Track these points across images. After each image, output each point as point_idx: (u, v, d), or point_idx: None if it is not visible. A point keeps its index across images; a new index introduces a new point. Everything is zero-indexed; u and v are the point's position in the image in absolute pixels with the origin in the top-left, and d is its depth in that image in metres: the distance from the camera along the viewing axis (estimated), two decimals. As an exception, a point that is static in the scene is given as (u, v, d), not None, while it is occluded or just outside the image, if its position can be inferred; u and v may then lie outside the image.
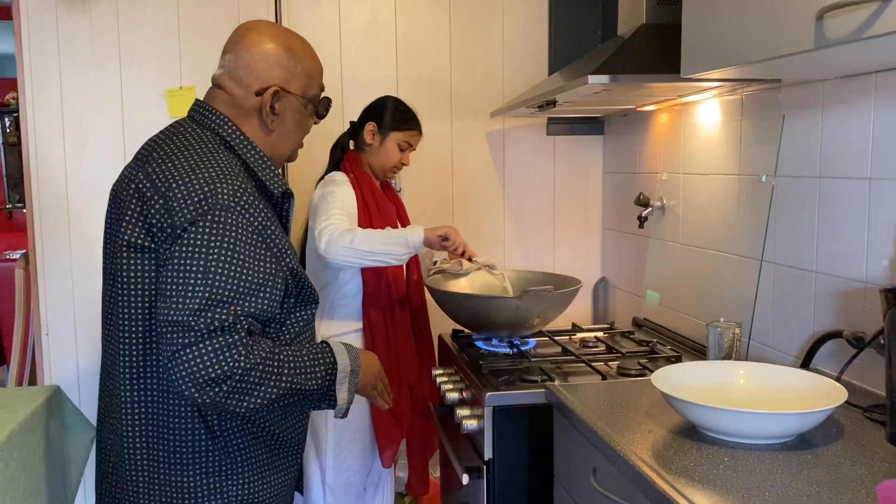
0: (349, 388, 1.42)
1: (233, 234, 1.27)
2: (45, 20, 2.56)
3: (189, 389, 1.22)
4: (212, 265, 1.24)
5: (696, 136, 2.23)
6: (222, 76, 1.43)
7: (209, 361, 1.21)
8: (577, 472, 1.61)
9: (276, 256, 1.33)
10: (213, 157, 1.34)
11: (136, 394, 1.36)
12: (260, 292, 1.28)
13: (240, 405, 1.26)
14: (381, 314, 2.22)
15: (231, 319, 1.23)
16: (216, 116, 1.41)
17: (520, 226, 2.96)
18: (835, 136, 1.65)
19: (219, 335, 1.22)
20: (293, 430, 1.48)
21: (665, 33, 1.90)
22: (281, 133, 1.46)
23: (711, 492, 1.16)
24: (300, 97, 1.46)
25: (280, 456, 1.45)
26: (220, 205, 1.27)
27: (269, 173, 1.42)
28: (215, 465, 1.36)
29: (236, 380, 1.23)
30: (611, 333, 2.39)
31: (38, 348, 2.67)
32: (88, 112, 2.62)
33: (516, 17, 2.87)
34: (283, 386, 1.29)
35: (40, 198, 2.61)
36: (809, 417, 1.31)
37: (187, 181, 1.29)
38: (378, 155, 2.29)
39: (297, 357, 1.34)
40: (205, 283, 1.23)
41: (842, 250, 1.63)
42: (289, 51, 1.43)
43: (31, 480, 1.69)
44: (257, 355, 1.26)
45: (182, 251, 1.25)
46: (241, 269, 1.26)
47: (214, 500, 1.36)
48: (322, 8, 2.75)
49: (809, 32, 1.20)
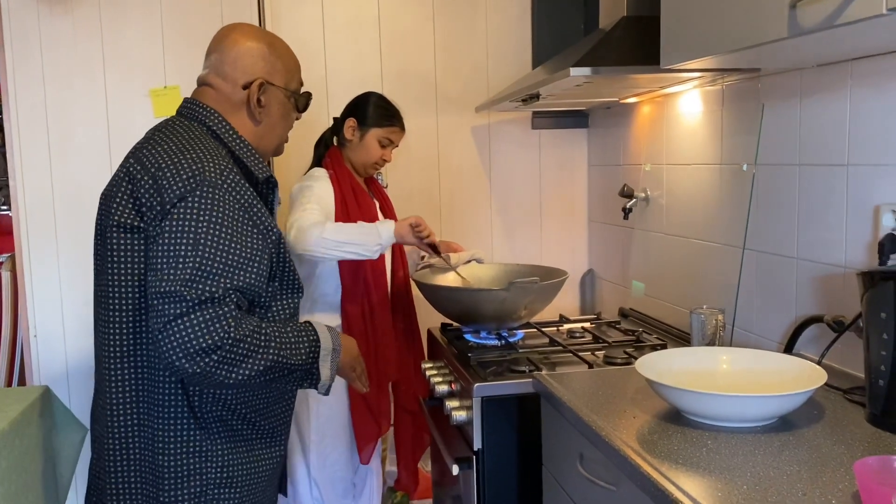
0: (331, 365, 1.47)
1: (221, 209, 1.32)
2: (28, 22, 2.55)
3: (179, 360, 1.25)
4: (201, 238, 1.29)
5: (679, 127, 2.25)
6: (209, 74, 1.52)
7: (200, 331, 1.25)
8: (564, 460, 1.63)
9: (263, 234, 1.39)
10: (200, 143, 1.41)
11: (124, 372, 1.40)
12: (248, 267, 1.33)
13: (228, 376, 1.29)
14: (359, 310, 2.22)
15: (220, 292, 1.28)
16: (203, 109, 1.49)
17: (507, 219, 2.98)
18: (813, 123, 1.67)
19: (209, 306, 1.27)
20: (275, 419, 1.52)
21: (646, 25, 1.92)
22: (268, 124, 1.54)
23: (695, 474, 1.18)
24: (284, 89, 1.54)
25: (260, 445, 1.49)
26: (209, 181, 1.33)
27: (253, 159, 1.50)
28: (195, 445, 1.40)
29: (226, 350, 1.27)
30: (597, 324, 2.41)
31: (26, 350, 2.66)
32: (73, 113, 2.61)
33: (500, 11, 2.88)
34: (270, 358, 1.34)
35: (26, 200, 2.61)
36: (790, 400, 1.34)
37: (176, 161, 1.35)
38: (358, 151, 2.29)
39: (283, 333, 1.39)
40: (195, 255, 1.28)
41: (822, 236, 1.66)
42: (270, 46, 1.53)
43: (22, 480, 1.69)
44: (246, 328, 1.30)
45: (172, 226, 1.30)
46: (230, 243, 1.32)
47: (193, 480, 1.40)
48: (306, 5, 2.76)
49: (783, 21, 1.23)
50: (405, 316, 2.39)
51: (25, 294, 2.63)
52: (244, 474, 1.46)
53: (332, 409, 2.23)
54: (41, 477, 1.82)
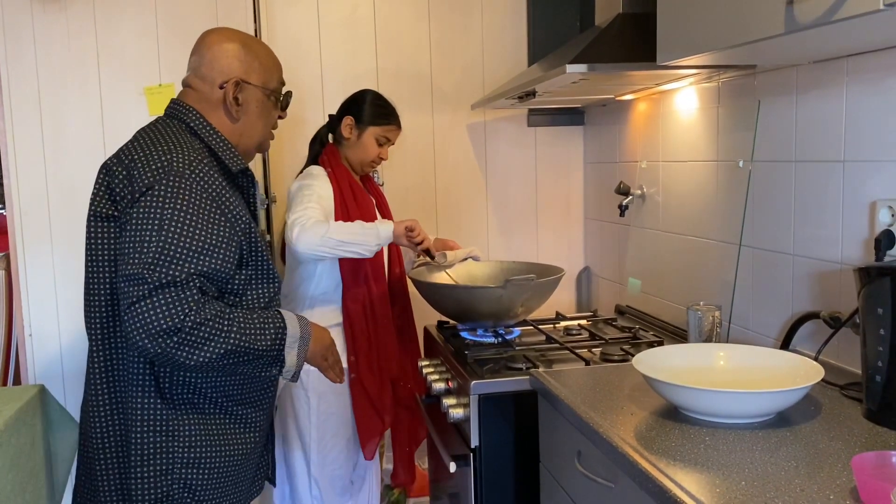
0: (298, 353, 1.51)
1: (187, 198, 1.39)
2: (21, 20, 2.54)
3: (142, 340, 1.32)
4: (166, 223, 1.36)
5: (675, 124, 2.25)
6: (190, 76, 1.60)
7: (161, 313, 1.31)
8: (562, 457, 1.63)
9: (231, 221, 1.44)
10: (174, 137, 1.49)
11: (102, 353, 1.49)
12: (213, 252, 1.39)
13: (189, 357, 1.35)
14: (360, 308, 2.22)
15: (183, 276, 1.34)
16: (184, 107, 1.56)
17: (503, 217, 2.98)
18: (809, 120, 1.67)
19: (171, 289, 1.33)
20: (249, 405, 1.55)
21: (641, 22, 1.93)
22: (246, 122, 1.60)
23: (693, 470, 1.18)
24: (261, 88, 1.60)
25: (233, 429, 1.52)
26: (175, 171, 1.40)
27: (227, 153, 1.55)
28: (162, 424, 1.46)
29: (186, 332, 1.33)
30: (594, 321, 2.41)
31: (21, 349, 2.65)
32: (67, 111, 2.60)
33: (495, 8, 2.88)
34: (231, 342, 1.38)
35: (20, 198, 2.59)
36: (787, 396, 1.34)
37: (148, 153, 1.44)
38: (356, 149, 2.29)
39: (248, 319, 1.43)
40: (159, 240, 1.34)
41: (818, 233, 1.66)
42: (246, 46, 1.59)
43: (18, 479, 1.68)
44: (208, 312, 1.35)
45: (139, 212, 1.37)
46: (195, 229, 1.37)
47: (160, 458, 1.46)
48: (301, 4, 2.75)
49: (780, 17, 1.23)
50: (402, 313, 2.39)
51: (20, 293, 2.62)
52: (212, 456, 1.49)
53: (333, 407, 2.22)
54: (37, 476, 1.81)
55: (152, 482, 1.46)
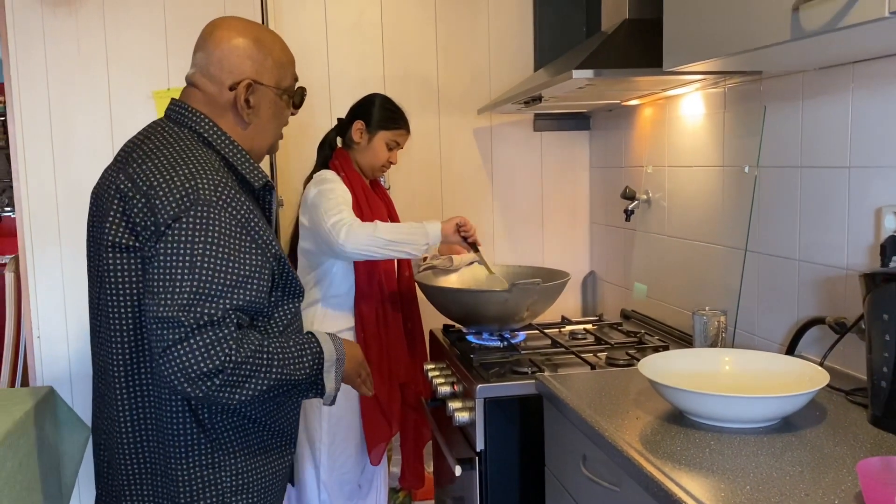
0: (336, 375, 1.44)
1: (216, 229, 1.28)
2: (31, 22, 2.56)
3: (181, 384, 1.23)
4: (197, 260, 1.25)
5: (681, 129, 2.26)
6: (195, 74, 1.44)
7: (200, 356, 1.22)
8: (567, 461, 1.64)
9: (262, 248, 1.35)
10: (192, 154, 1.35)
11: (128, 391, 1.37)
12: (247, 285, 1.29)
13: (231, 398, 1.27)
14: (373, 311, 2.24)
15: (220, 314, 1.25)
16: (192, 114, 1.42)
17: (508, 221, 2.98)
18: (815, 126, 1.68)
19: (208, 330, 1.24)
20: (284, 420, 1.50)
21: (648, 28, 1.93)
22: (258, 126, 1.47)
23: (698, 474, 1.19)
24: (274, 88, 1.46)
25: (272, 446, 1.47)
26: (203, 200, 1.28)
27: (248, 167, 1.43)
28: (207, 457, 1.38)
29: (228, 373, 1.25)
30: (599, 325, 2.41)
31: (29, 351, 2.67)
32: (76, 114, 2.62)
33: (502, 14, 2.89)
34: (273, 377, 1.31)
35: (29, 201, 2.61)
36: (792, 401, 1.34)
37: (168, 179, 1.29)
38: (366, 154, 2.30)
39: (286, 348, 1.36)
40: (192, 279, 1.24)
41: (823, 238, 1.67)
42: (258, 43, 1.44)
43: (27, 480, 1.70)
44: (247, 348, 1.27)
45: (167, 248, 1.26)
46: (227, 262, 1.27)
47: (209, 492, 1.38)
48: (308, 8, 2.77)
49: (786, 24, 1.23)
50: (410, 316, 2.39)
51: (28, 295, 2.64)
52: (258, 478, 1.44)
53: (343, 411, 2.23)
54: (46, 477, 1.82)
55: None
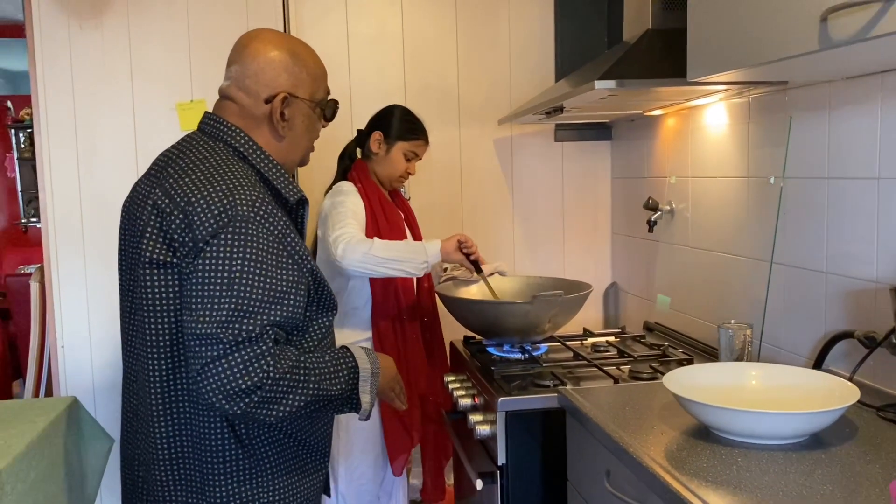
0: (371, 390, 1.43)
1: (254, 245, 1.27)
2: (58, 36, 2.60)
3: (220, 401, 1.23)
4: (236, 276, 1.25)
5: (704, 140, 2.24)
6: (230, 87, 1.44)
7: (239, 373, 1.22)
8: (590, 476, 1.61)
9: (298, 263, 1.34)
10: (228, 169, 1.34)
11: (165, 407, 1.36)
12: (284, 301, 1.29)
13: (269, 414, 1.27)
14: (390, 323, 2.23)
15: (258, 330, 1.24)
16: (227, 128, 1.42)
17: (529, 232, 2.97)
18: (842, 136, 1.65)
19: (247, 346, 1.23)
20: (319, 435, 1.49)
21: (671, 38, 1.92)
22: (292, 139, 1.47)
23: (725, 492, 1.16)
24: (308, 101, 1.46)
25: (308, 461, 1.46)
26: (241, 216, 1.27)
27: (283, 181, 1.43)
28: (246, 473, 1.37)
29: (266, 390, 1.24)
30: (622, 338, 2.39)
31: (53, 361, 2.69)
32: (101, 126, 2.65)
33: (522, 24, 2.89)
34: (310, 393, 1.31)
35: (55, 212, 2.64)
36: (822, 417, 1.32)
37: (206, 194, 1.29)
38: (384, 164, 2.30)
39: (322, 363, 1.35)
40: (230, 295, 1.24)
41: (851, 251, 1.64)
42: (294, 56, 1.44)
43: (51, 490, 1.70)
44: (285, 364, 1.27)
45: (205, 264, 1.26)
46: (265, 278, 1.27)
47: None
48: (330, 20, 2.78)
49: (814, 34, 1.21)
50: (430, 327, 2.39)
51: (53, 304, 2.67)
52: (295, 495, 1.43)
53: (361, 423, 2.22)
54: (69, 487, 1.83)
55: None
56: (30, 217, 5.83)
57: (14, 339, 4.49)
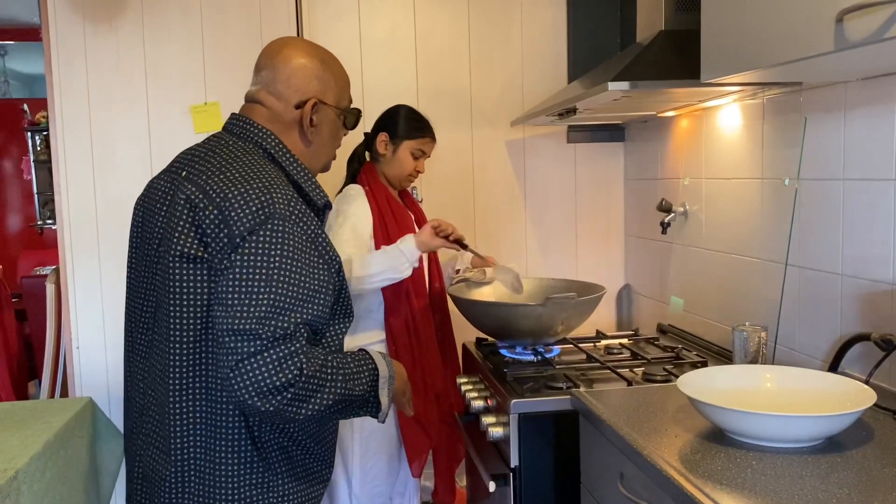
0: (388, 393, 1.44)
1: (291, 243, 1.29)
2: (73, 40, 2.62)
3: (252, 398, 1.22)
4: (274, 273, 1.26)
5: (718, 141, 2.22)
6: (259, 91, 1.46)
7: (274, 369, 1.22)
8: (604, 478, 1.61)
9: (328, 264, 1.36)
10: (262, 169, 1.36)
11: (183, 404, 1.36)
12: (316, 299, 1.30)
13: (298, 412, 1.27)
14: (403, 324, 2.23)
15: (293, 328, 1.25)
16: (258, 129, 1.43)
17: (542, 234, 2.97)
18: (858, 137, 1.64)
19: (283, 343, 1.24)
20: (326, 444, 1.50)
21: (684, 39, 1.91)
22: (318, 144, 1.50)
23: (740, 495, 1.16)
24: (335, 108, 1.49)
25: (314, 470, 1.47)
26: (278, 214, 1.29)
27: (312, 185, 1.46)
28: (258, 476, 1.38)
29: (299, 387, 1.25)
30: (635, 340, 2.38)
31: (68, 362, 2.71)
32: (116, 128, 2.67)
33: (535, 26, 2.89)
34: (337, 391, 1.32)
35: (70, 213, 2.67)
36: (838, 420, 1.30)
37: (243, 191, 1.30)
38: (392, 165, 2.30)
39: (346, 364, 1.37)
40: (268, 291, 1.25)
41: (867, 252, 1.62)
42: (323, 63, 1.47)
43: (66, 490, 1.72)
44: (315, 362, 1.28)
45: (243, 260, 1.26)
46: (300, 276, 1.28)
47: None
48: (343, 22, 2.79)
49: (829, 34, 1.21)
50: (442, 327, 2.39)
51: (68, 306, 2.69)
52: (302, 500, 1.44)
53: (376, 424, 2.23)
54: (84, 487, 1.84)
55: None
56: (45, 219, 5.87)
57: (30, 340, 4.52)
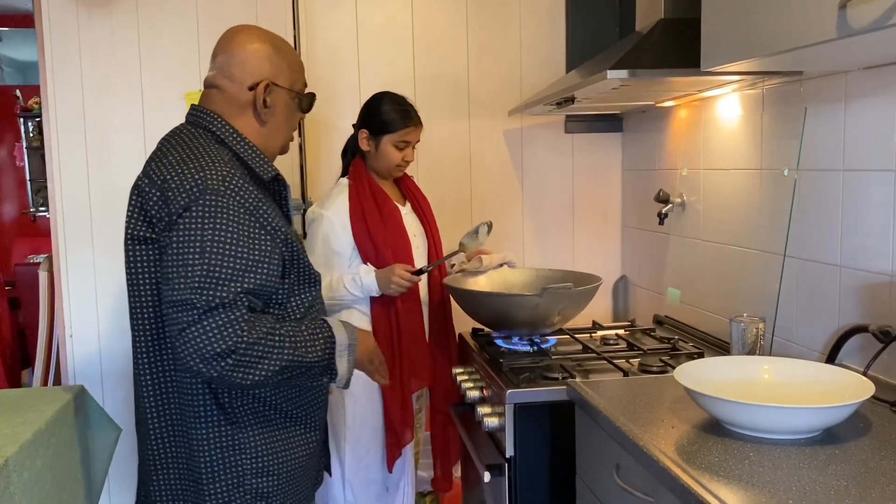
0: (349, 360, 1.51)
1: (225, 215, 1.36)
2: (67, 26, 2.59)
3: (196, 364, 1.31)
4: (207, 245, 1.34)
5: (717, 131, 2.21)
6: (216, 76, 1.55)
7: (213, 337, 1.31)
8: (599, 469, 1.60)
9: (271, 234, 1.43)
10: (204, 151, 1.44)
11: (153, 377, 1.47)
12: (257, 269, 1.38)
13: (245, 378, 1.35)
14: (385, 317, 2.20)
15: (231, 297, 1.33)
16: (206, 114, 1.52)
17: (539, 224, 2.95)
18: (858, 128, 1.63)
19: (220, 311, 1.32)
20: (306, 407, 1.56)
21: (684, 27, 1.89)
22: (273, 125, 1.57)
23: (737, 486, 1.15)
24: (289, 90, 1.57)
25: (293, 433, 1.53)
26: (210, 189, 1.37)
27: (258, 161, 1.52)
28: (228, 440, 1.46)
29: (240, 353, 1.33)
30: (632, 331, 2.37)
31: (61, 350, 2.70)
32: (110, 115, 2.65)
33: (534, 15, 2.86)
34: (285, 358, 1.38)
35: (63, 201, 2.64)
36: (836, 412, 1.30)
37: (180, 172, 1.40)
38: (378, 159, 2.27)
39: (298, 332, 1.43)
40: (202, 263, 1.33)
41: (866, 244, 1.61)
42: (276, 48, 1.56)
43: (58, 478, 1.71)
44: (259, 330, 1.35)
45: (179, 235, 1.35)
46: (237, 247, 1.36)
47: (230, 472, 1.46)
48: (340, 10, 2.76)
49: (832, 21, 1.19)
50: (440, 317, 2.37)
51: (62, 294, 2.67)
52: (280, 462, 1.50)
53: (368, 411, 2.22)
54: (75, 476, 1.83)
55: (226, 496, 1.47)
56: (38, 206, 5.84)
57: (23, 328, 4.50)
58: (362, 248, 2.20)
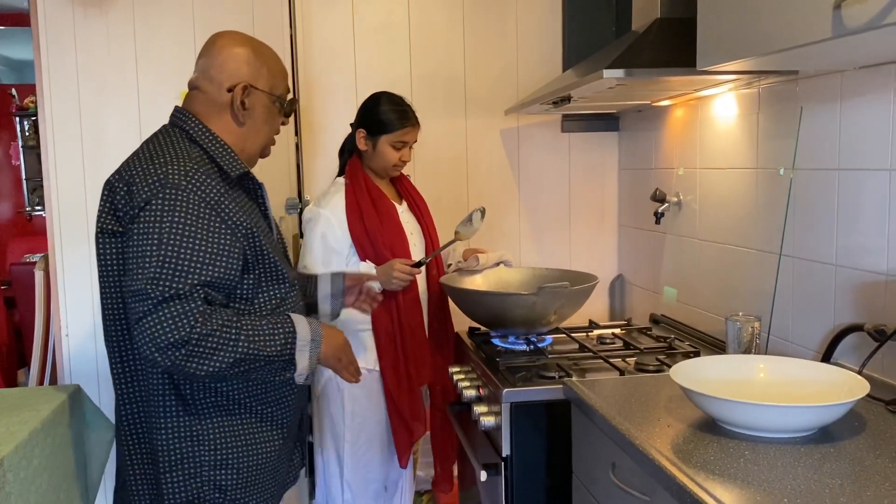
0: (310, 356, 1.52)
1: (184, 209, 1.40)
2: (63, 24, 2.59)
3: (152, 353, 1.35)
4: (165, 237, 1.37)
5: (713, 131, 2.21)
6: (198, 78, 1.60)
7: (168, 327, 1.34)
8: (595, 468, 1.60)
9: (231, 229, 1.45)
10: (172, 148, 1.49)
11: (122, 366, 1.53)
12: (215, 261, 1.40)
13: (199, 368, 1.37)
14: (387, 313, 2.21)
15: (187, 288, 1.36)
16: (183, 115, 1.57)
17: (535, 223, 2.95)
18: (854, 127, 1.63)
19: (175, 302, 1.35)
20: (273, 406, 1.57)
21: (680, 27, 1.89)
22: (251, 127, 1.60)
23: (733, 485, 1.15)
24: (267, 94, 1.60)
25: (258, 430, 1.55)
26: (171, 183, 1.41)
27: (227, 158, 1.54)
28: (186, 430, 1.49)
29: (193, 344, 1.35)
30: (628, 330, 2.38)
31: (57, 349, 2.69)
32: (105, 114, 2.64)
33: (530, 14, 2.86)
34: (240, 350, 1.40)
35: (59, 200, 2.64)
36: (831, 410, 1.30)
37: (146, 167, 1.45)
38: (375, 159, 2.27)
39: (257, 326, 1.45)
40: (159, 254, 1.36)
41: (862, 243, 1.62)
42: (255, 52, 1.60)
43: (53, 477, 1.70)
44: (215, 322, 1.37)
45: (139, 227, 1.39)
46: (194, 240, 1.38)
47: (187, 463, 1.49)
48: (336, 9, 2.76)
49: (827, 21, 1.19)
50: (439, 315, 2.36)
51: (58, 293, 2.66)
52: (240, 456, 1.52)
53: (368, 411, 2.22)
54: (71, 475, 1.83)
55: (182, 486, 1.50)
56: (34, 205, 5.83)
57: (19, 327, 4.49)
58: (360, 246, 2.20)
